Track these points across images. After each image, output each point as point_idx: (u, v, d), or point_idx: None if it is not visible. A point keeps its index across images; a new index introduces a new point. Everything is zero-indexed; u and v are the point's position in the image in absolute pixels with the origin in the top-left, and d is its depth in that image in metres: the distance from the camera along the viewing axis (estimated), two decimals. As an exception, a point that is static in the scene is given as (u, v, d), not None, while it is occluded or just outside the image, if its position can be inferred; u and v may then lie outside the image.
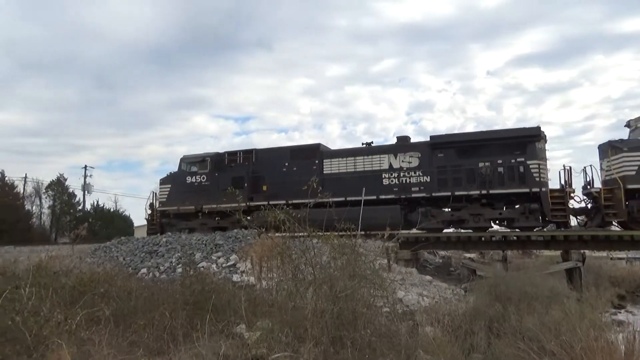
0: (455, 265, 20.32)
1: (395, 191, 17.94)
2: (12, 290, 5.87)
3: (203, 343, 5.73)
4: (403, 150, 18.51)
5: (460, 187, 16.93)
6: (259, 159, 20.94)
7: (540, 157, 16.64)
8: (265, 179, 20.25)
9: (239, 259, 15.22)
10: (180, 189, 21.51)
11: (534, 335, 6.39)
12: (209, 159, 21.64)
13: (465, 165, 17.17)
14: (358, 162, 19.05)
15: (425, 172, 17.77)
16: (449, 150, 17.77)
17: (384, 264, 13.50)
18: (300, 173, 18.81)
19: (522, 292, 9.40)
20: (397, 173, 18.16)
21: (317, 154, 19.87)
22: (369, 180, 18.13)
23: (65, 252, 17.70)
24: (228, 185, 19.31)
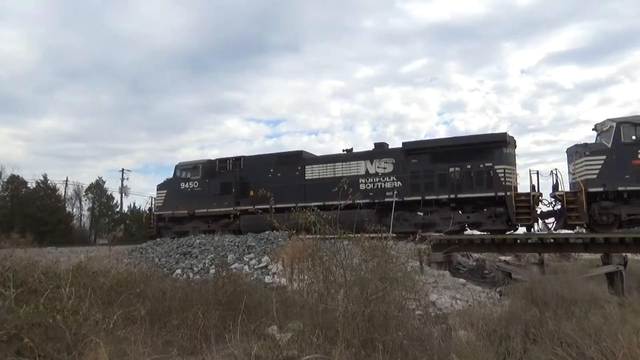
0: (489, 268, 19.88)
1: (370, 196, 18.48)
2: (53, 290, 6.07)
3: (235, 343, 5.79)
4: (379, 156, 19.30)
5: (432, 192, 17.52)
6: (247, 166, 22.06)
7: (507, 162, 17.27)
8: (252, 185, 21.22)
9: (270, 261, 15.34)
10: (175, 195, 22.82)
11: (572, 341, 6.19)
12: (200, 166, 22.97)
13: (437, 170, 17.83)
14: (337, 168, 19.90)
15: (399, 177, 18.51)
16: (421, 156, 18.48)
17: (416, 267, 13.36)
18: (284, 179, 20.23)
19: (560, 296, 9.12)
20: (372, 178, 18.95)
21: (299, 161, 20.82)
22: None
23: (103, 253, 18.26)
24: (217, 190, 21.68)
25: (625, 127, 15.41)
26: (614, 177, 15.09)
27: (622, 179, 14.95)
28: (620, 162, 15.14)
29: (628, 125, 15.39)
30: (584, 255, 20.64)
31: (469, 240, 16.80)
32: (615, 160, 15.20)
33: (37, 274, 6.82)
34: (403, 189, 18.23)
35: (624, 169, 15.06)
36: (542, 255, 16.72)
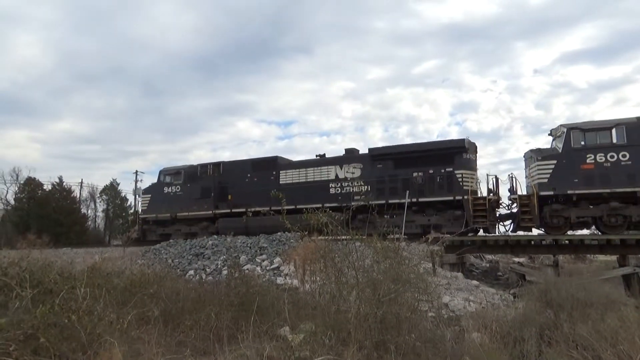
0: (503, 269, 19.70)
1: (339, 200, 19.25)
2: (68, 290, 6.14)
3: (247, 344, 5.81)
4: (348, 161, 20.17)
5: (396, 196, 18.21)
6: (226, 171, 22.95)
7: (466, 167, 18.07)
8: (230, 189, 22.26)
9: (282, 262, 15.39)
10: (158, 199, 23.85)
11: (588, 344, 6.10)
12: (182, 171, 24.03)
13: (401, 175, 18.73)
14: (309, 173, 20.79)
15: (366, 182, 19.29)
16: (387, 162, 19.31)
17: (428, 268, 13.28)
18: (260, 183, 21.18)
19: (575, 298, 8.99)
20: (341, 183, 19.85)
21: (274, 166, 21.75)
22: (318, 190, 19.93)
23: (117, 253, 18.45)
24: (198, 195, 22.75)
25: (575, 133, 16.03)
26: (563, 181, 15.73)
27: (571, 183, 15.61)
28: (569, 166, 15.81)
29: (577, 131, 16.02)
30: (600, 257, 20.35)
31: (482, 241, 16.67)
32: (565, 165, 15.88)
33: (53, 275, 6.89)
34: (373, 192, 18.80)
35: (573, 173, 15.68)
36: (556, 257, 16.54)
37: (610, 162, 15.40)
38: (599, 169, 15.46)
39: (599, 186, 15.28)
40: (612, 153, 15.39)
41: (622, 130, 15.47)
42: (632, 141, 15.22)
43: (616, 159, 15.34)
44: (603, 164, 15.46)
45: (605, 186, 15.25)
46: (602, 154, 15.50)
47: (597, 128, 15.95)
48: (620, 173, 15.18)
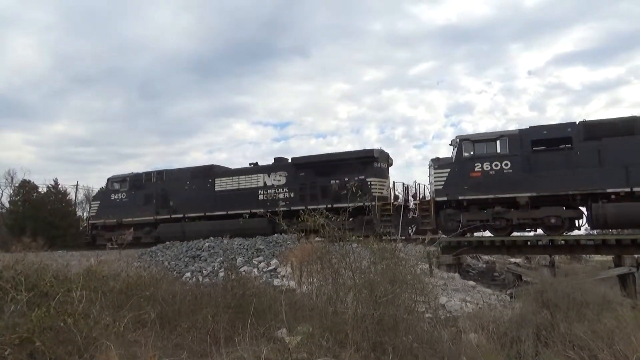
0: (499, 270, 19.73)
1: (266, 205, 20.38)
2: (64, 294, 6.11)
3: (244, 346, 5.79)
4: (275, 170, 21.61)
5: (316, 202, 19.36)
6: (168, 179, 24.41)
7: (377, 175, 19.64)
8: (171, 196, 23.72)
9: (279, 264, 15.37)
10: (106, 205, 25.28)
11: (584, 344, 6.12)
12: (128, 179, 25.45)
13: (320, 182, 20.09)
14: (241, 180, 22.18)
15: (290, 189, 20.77)
16: (308, 170, 20.69)
17: (425, 269, 13.29)
18: (198, 190, 22.74)
19: (571, 298, 9.01)
20: (269, 190, 21.31)
21: (210, 174, 23.07)
22: (248, 196, 21.38)
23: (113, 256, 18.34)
24: (141, 201, 24.19)
25: (466, 143, 17.36)
26: (455, 188, 17.07)
27: (462, 190, 16.94)
28: (460, 174, 17.13)
29: (467, 142, 17.37)
30: (596, 257, 20.42)
31: (478, 242, 16.70)
32: (457, 173, 17.21)
33: (49, 278, 6.86)
34: (293, 199, 20.48)
35: (463, 180, 16.97)
36: (552, 257, 16.57)
37: (494, 170, 16.80)
38: (485, 177, 16.83)
39: (485, 192, 16.62)
40: (496, 162, 16.80)
41: (505, 141, 16.92)
42: (513, 151, 16.64)
43: (499, 168, 16.77)
44: (489, 172, 16.83)
45: (490, 192, 16.59)
46: (488, 162, 16.88)
47: (484, 139, 17.41)
48: (503, 180, 16.52)
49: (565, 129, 16.57)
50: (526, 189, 16.07)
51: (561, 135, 16.47)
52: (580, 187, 15.59)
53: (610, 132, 15.75)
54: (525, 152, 16.52)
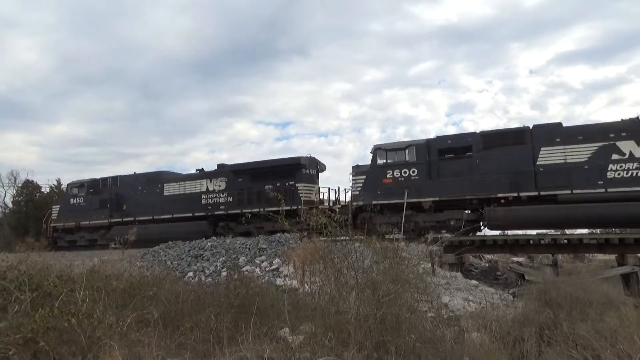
0: (502, 269, 19.71)
1: (208, 209, 22.40)
2: (67, 293, 6.13)
3: (247, 346, 5.80)
4: (216, 175, 23.04)
5: (251, 205, 21.05)
6: (122, 184, 25.90)
7: (305, 180, 21.04)
8: (124, 200, 25.14)
9: (282, 263, 15.38)
10: (66, 209, 26.54)
11: (587, 343, 6.11)
12: (86, 184, 26.85)
13: (256, 187, 21.49)
14: (187, 186, 23.76)
15: (229, 194, 22.21)
16: (245, 176, 22.21)
17: (427, 268, 13.29)
18: (149, 195, 24.30)
19: (574, 298, 9.00)
20: (210, 195, 22.77)
21: (160, 179, 24.74)
22: (192, 201, 22.91)
23: (116, 256, 18.39)
24: (97, 205, 25.61)
25: (379, 151, 18.84)
26: (370, 193, 18.50)
27: (375, 195, 18.33)
28: (374, 181, 18.54)
29: (381, 150, 18.85)
30: (598, 256, 20.37)
31: (481, 241, 16.67)
32: (372, 180, 18.63)
33: (52, 278, 6.88)
34: (232, 203, 21.96)
35: (376, 186, 18.37)
36: (555, 256, 16.54)
37: (403, 177, 18.29)
38: (395, 183, 18.26)
39: (395, 197, 17.92)
40: (405, 169, 18.28)
41: (413, 150, 18.38)
42: (419, 159, 18.12)
43: (408, 174, 18.26)
44: (398, 179, 18.31)
45: (399, 197, 17.85)
46: (398, 170, 18.37)
47: (395, 148, 18.84)
48: (411, 186, 17.93)
49: (466, 138, 18.05)
50: (430, 194, 17.45)
51: (463, 144, 17.86)
52: (476, 192, 16.92)
53: (504, 142, 17.20)
54: (431, 160, 18.06)
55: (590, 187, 15.59)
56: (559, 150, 16.39)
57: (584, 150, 16.10)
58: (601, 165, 15.66)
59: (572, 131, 16.61)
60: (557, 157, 16.36)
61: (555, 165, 16.18)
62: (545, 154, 16.53)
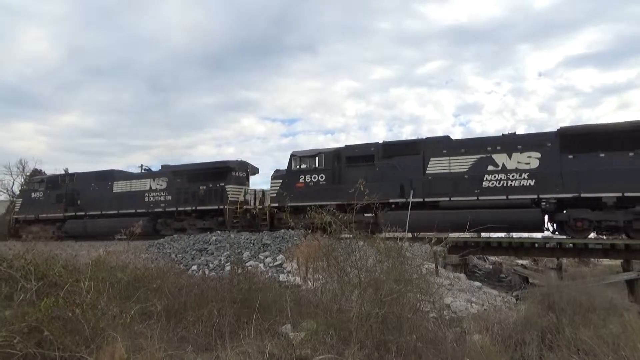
0: (506, 271, 19.65)
1: (150, 206, 24.29)
2: (72, 284, 6.17)
3: (249, 341, 5.83)
4: (159, 175, 24.98)
5: (187, 204, 23.21)
6: (77, 180, 27.80)
7: (234, 182, 22.76)
8: (78, 196, 27.02)
9: (285, 259, 15.40)
10: (28, 202, 28.60)
11: (589, 349, 6.09)
12: (45, 180, 29.08)
13: (192, 188, 23.36)
14: (133, 184, 25.56)
15: (169, 193, 24.02)
16: (183, 177, 24.01)
17: (431, 269, 13.27)
18: (100, 192, 26.23)
19: (578, 302, 8.96)
20: (152, 193, 24.57)
21: (111, 177, 26.60)
22: (137, 198, 24.72)
23: (121, 247, 18.51)
24: (54, 200, 27.42)
25: (294, 158, 20.74)
26: (284, 196, 19.69)
27: (289, 198, 19.45)
28: (289, 185, 20.23)
29: (295, 157, 20.72)
30: (604, 261, 20.26)
31: (485, 243, 16.63)
32: (287, 184, 20.34)
33: (57, 268, 6.92)
34: (170, 201, 23.78)
35: (291, 190, 19.76)
36: (560, 260, 16.46)
37: (313, 182, 20.05)
38: (306, 187, 20.02)
39: (305, 200, 18.85)
40: (314, 175, 20.06)
41: (322, 157, 20.13)
42: (327, 166, 19.90)
43: (317, 180, 20.03)
44: (309, 183, 20.08)
45: (308, 200, 18.63)
46: (309, 175, 20.16)
47: (308, 155, 20.60)
48: (320, 190, 19.63)
49: (370, 148, 19.60)
50: (334, 198, 18.63)
51: (367, 153, 19.45)
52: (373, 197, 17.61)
53: (400, 152, 18.82)
54: (337, 167, 19.78)
55: (468, 195, 17.02)
56: (444, 161, 18.04)
57: (466, 161, 17.70)
58: (478, 176, 17.18)
59: (457, 144, 18.29)
60: (443, 167, 18.01)
61: (441, 174, 17.73)
62: (433, 164, 18.17)
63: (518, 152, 16.84)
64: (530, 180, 16.41)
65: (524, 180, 16.51)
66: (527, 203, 16.18)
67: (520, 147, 16.83)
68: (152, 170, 26.37)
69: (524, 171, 16.59)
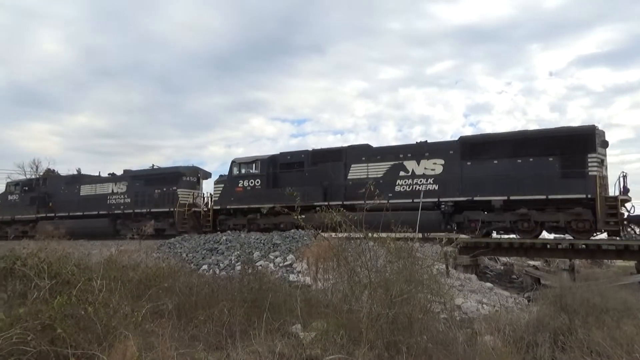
0: (517, 272, 19.49)
1: (111, 208, 26.38)
2: (85, 282, 6.23)
3: (259, 340, 5.85)
4: (120, 180, 27.30)
5: (144, 206, 25.29)
6: (49, 184, 30.24)
7: (185, 187, 25.17)
8: (50, 198, 29.09)
9: (295, 259, 15.41)
10: (4, 204, 30.93)
11: (603, 350, 6.02)
12: (20, 183, 31.73)
13: (147, 191, 25.53)
14: (98, 187, 27.75)
15: (128, 196, 26.15)
16: (140, 181, 26.30)
17: (441, 269, 13.21)
18: (69, 194, 28.52)
19: (591, 304, 8.86)
20: (114, 196, 26.73)
21: (78, 181, 29.11)
22: (101, 201, 26.93)
23: (133, 246, 18.65)
24: (28, 202, 29.63)
25: (234, 164, 22.56)
26: (226, 199, 22.24)
27: (229, 201, 22.09)
28: (229, 189, 22.19)
29: (235, 164, 22.55)
30: (617, 263, 20.01)
31: (496, 244, 16.52)
32: (228, 188, 22.31)
33: (70, 266, 7.00)
34: (130, 204, 25.83)
35: (231, 194, 22.03)
36: (572, 261, 16.30)
37: (250, 187, 21.81)
38: (245, 191, 21.81)
39: (244, 203, 21.69)
40: (251, 180, 21.82)
41: (258, 163, 21.86)
42: (263, 172, 21.59)
43: (254, 184, 21.76)
44: (247, 188, 21.84)
45: (246, 203, 21.63)
46: (247, 180, 21.94)
47: (246, 162, 22.42)
48: (256, 194, 21.48)
49: (300, 155, 21.31)
50: (267, 202, 20.66)
51: (298, 160, 21.16)
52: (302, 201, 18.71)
53: (326, 159, 20.39)
54: (272, 172, 21.47)
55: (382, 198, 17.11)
56: (363, 167, 19.57)
57: (381, 167, 19.26)
58: (392, 180, 18.66)
59: (374, 151, 19.80)
60: (362, 172, 19.48)
61: (360, 179, 18.89)
62: (353, 170, 19.72)
63: (425, 159, 18.38)
64: (434, 184, 17.96)
65: (430, 185, 18.08)
66: (430, 206, 17.48)
67: (427, 155, 18.37)
68: (116, 175, 28.51)
69: (429, 176, 18.14)
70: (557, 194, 15.62)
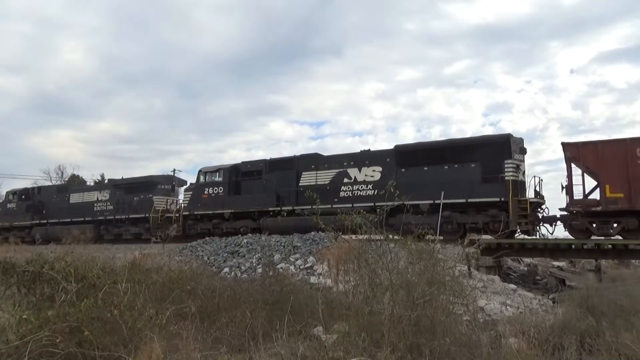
0: (542, 274, 19.13)
1: (96, 215, 28.35)
2: (110, 285, 6.35)
3: (282, 343, 5.87)
4: (103, 188, 29.61)
5: (124, 213, 27.15)
6: (44, 193, 32.74)
7: (159, 194, 27.00)
8: (44, 206, 31.36)
9: (316, 261, 15.42)
10: (3, 212, 33.34)
11: (632, 353, 5.88)
12: (18, 192, 33.86)
13: (127, 199, 27.48)
14: (85, 195, 30.02)
15: (111, 203, 28.03)
16: (121, 189, 28.22)
17: (464, 271, 13.05)
18: (60, 202, 30.72)
19: (619, 305, 8.65)
20: (99, 203, 28.62)
21: (67, 190, 31.98)
22: (87, 208, 28.96)
23: (156, 250, 18.91)
24: (24, 209, 31.90)
25: (201, 173, 24.18)
26: (194, 205, 23.79)
27: (197, 207, 23.62)
28: (197, 196, 23.79)
29: (202, 172, 24.17)
30: (646, 263, 19.49)
31: (520, 244, 16.26)
32: (195, 195, 23.92)
33: (96, 270, 7.14)
34: (112, 210, 27.74)
35: (198, 200, 23.60)
36: (599, 262, 15.95)
37: (214, 194, 23.27)
38: (210, 198, 23.26)
39: (209, 209, 23.05)
40: (215, 188, 23.30)
41: (222, 172, 23.45)
42: (225, 180, 23.07)
43: (217, 192, 23.22)
44: (211, 195, 23.31)
45: (211, 209, 23.04)
46: (212, 188, 23.43)
47: (211, 171, 24.00)
48: (220, 200, 22.86)
49: (259, 164, 22.77)
50: (229, 207, 22.40)
51: (257, 168, 22.68)
52: (257, 206, 21.77)
53: (280, 167, 21.89)
54: (234, 180, 22.99)
55: (328, 203, 18.91)
56: (312, 175, 20.97)
57: (328, 175, 20.65)
58: (337, 187, 20.05)
59: (323, 160, 21.22)
60: (311, 179, 20.86)
61: (309, 186, 19.70)
62: (304, 177, 21.12)
63: (366, 166, 19.72)
64: (372, 190, 19.26)
65: (369, 191, 19.44)
66: (368, 210, 17.67)
67: (367, 162, 19.68)
68: (101, 184, 30.67)
69: (368, 183, 19.52)
70: (476, 197, 17.15)
